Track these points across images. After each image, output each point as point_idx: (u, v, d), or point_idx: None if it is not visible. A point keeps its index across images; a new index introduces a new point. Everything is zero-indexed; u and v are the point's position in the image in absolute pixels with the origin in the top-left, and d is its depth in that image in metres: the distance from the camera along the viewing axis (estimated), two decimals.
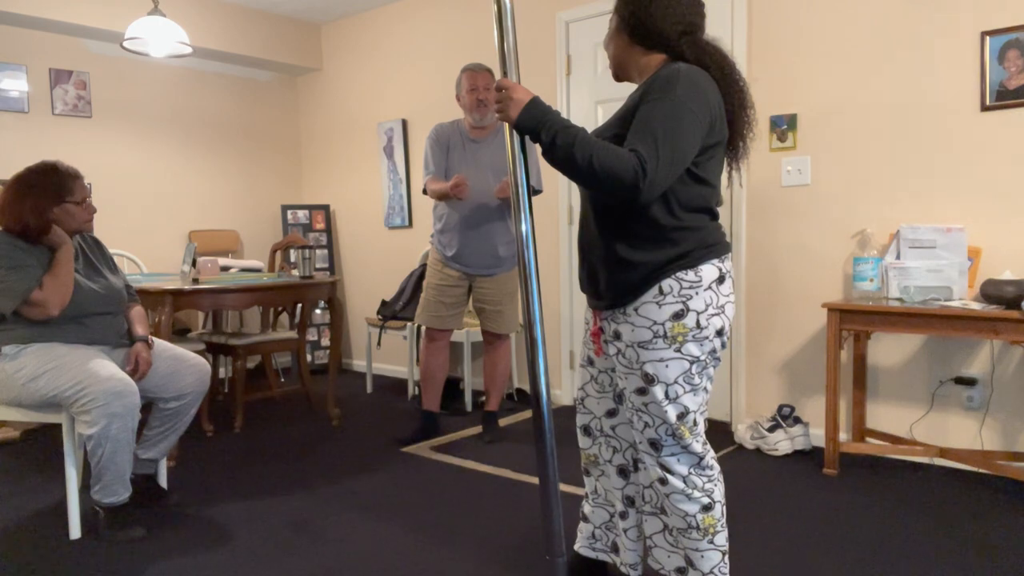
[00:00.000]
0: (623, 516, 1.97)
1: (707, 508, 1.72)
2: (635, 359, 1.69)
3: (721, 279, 1.69)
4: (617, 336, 1.74)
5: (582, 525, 2.08)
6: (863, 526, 2.47)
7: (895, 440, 3.15)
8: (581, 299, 4.27)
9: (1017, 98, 2.87)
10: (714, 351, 1.70)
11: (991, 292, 2.69)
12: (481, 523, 2.56)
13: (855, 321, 2.90)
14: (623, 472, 1.95)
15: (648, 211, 1.65)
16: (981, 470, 2.97)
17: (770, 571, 2.14)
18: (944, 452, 2.96)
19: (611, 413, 1.94)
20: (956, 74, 3.00)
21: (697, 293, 1.65)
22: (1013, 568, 2.15)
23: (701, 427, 1.73)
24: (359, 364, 5.59)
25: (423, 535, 2.47)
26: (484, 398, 3.73)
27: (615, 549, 2.03)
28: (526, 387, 4.44)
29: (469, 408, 4.23)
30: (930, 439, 3.13)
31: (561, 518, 1.66)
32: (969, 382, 3.03)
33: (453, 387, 4.37)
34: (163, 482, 2.83)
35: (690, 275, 1.65)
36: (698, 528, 1.72)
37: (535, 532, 2.47)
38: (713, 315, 1.67)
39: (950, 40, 3.00)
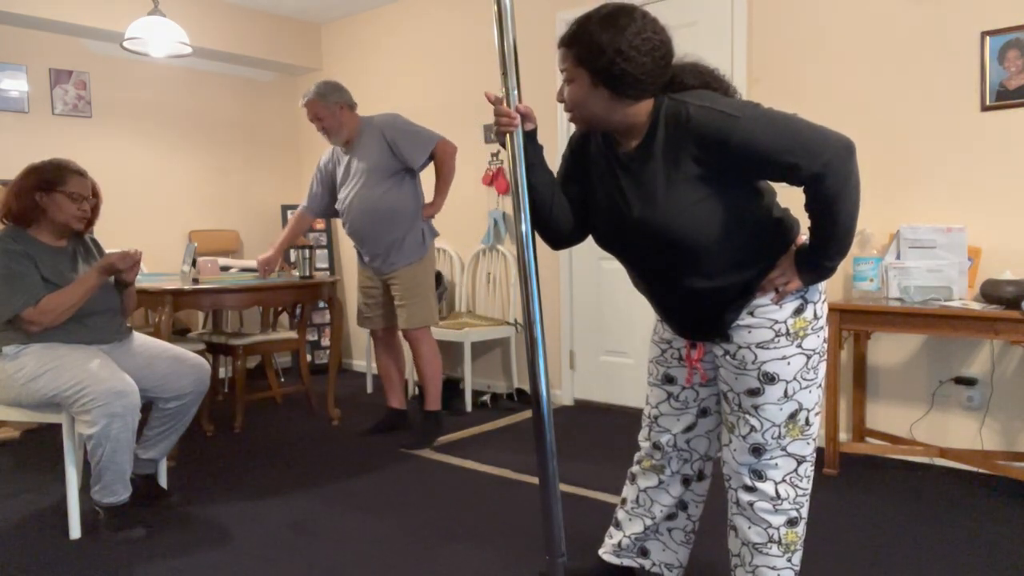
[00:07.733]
0: (670, 518, 1.92)
1: (792, 523, 1.65)
2: (751, 360, 1.61)
3: None
4: (725, 339, 1.66)
5: (612, 531, 1.99)
6: (863, 526, 2.47)
7: (895, 440, 3.15)
8: (581, 299, 4.26)
9: (1017, 98, 2.87)
10: (825, 340, 1.65)
11: (991, 292, 2.69)
12: (481, 523, 2.56)
13: (855, 321, 2.90)
14: (686, 481, 1.90)
15: (753, 216, 1.58)
16: (981, 470, 2.97)
17: None
18: (944, 452, 2.96)
19: (689, 428, 1.85)
20: (956, 74, 3.00)
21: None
22: (1013, 568, 2.15)
23: (815, 427, 1.65)
24: (359, 364, 5.59)
25: (423, 535, 2.47)
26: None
27: (643, 553, 1.96)
28: (526, 387, 4.44)
29: (469, 408, 4.23)
30: (930, 439, 3.13)
31: (561, 518, 1.65)
32: (969, 382, 3.02)
33: (453, 387, 4.37)
34: (163, 482, 2.83)
35: None
36: (779, 543, 1.65)
37: (535, 532, 2.47)
38: (824, 303, 1.66)
39: (950, 40, 3.00)
